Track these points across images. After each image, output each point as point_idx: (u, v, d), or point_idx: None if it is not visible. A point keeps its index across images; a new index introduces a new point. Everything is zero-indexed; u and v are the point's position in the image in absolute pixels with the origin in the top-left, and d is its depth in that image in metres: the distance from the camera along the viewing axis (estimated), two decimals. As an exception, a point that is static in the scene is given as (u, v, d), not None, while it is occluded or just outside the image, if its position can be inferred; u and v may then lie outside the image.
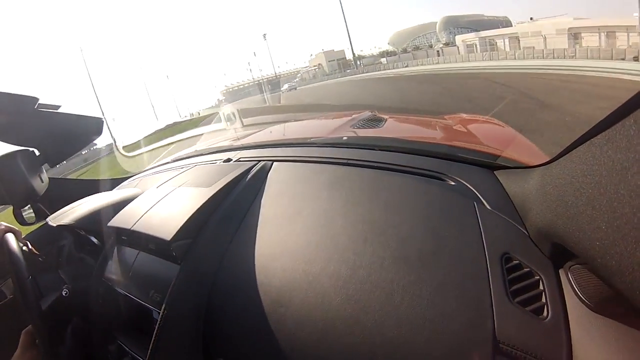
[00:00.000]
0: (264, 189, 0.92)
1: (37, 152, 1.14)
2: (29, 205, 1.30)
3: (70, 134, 1.16)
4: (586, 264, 0.50)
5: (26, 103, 0.99)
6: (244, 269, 0.73)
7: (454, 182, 0.86)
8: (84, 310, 0.95)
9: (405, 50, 63.43)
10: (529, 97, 10.43)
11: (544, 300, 0.56)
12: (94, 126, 1.19)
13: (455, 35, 52.62)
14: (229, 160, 1.22)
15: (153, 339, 0.72)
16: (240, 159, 1.20)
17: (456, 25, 60.57)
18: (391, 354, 0.55)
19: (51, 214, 1.10)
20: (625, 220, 0.37)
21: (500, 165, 0.91)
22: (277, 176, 0.96)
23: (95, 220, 1.04)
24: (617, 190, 0.39)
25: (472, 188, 0.83)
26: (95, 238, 1.08)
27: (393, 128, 1.62)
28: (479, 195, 0.81)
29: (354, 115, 1.87)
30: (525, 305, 0.55)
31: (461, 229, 0.68)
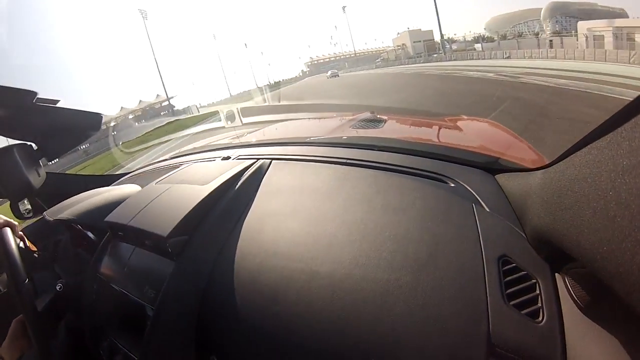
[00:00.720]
0: (261, 187, 0.92)
1: (34, 147, 1.14)
2: (26, 199, 1.30)
3: (68, 129, 1.16)
4: (582, 267, 0.50)
5: (24, 97, 0.99)
6: (240, 266, 0.73)
7: (453, 183, 0.86)
8: (78, 306, 0.95)
9: (504, 37, 54.76)
10: None
11: (539, 303, 0.56)
12: (92, 121, 1.19)
13: (562, 23, 47.12)
14: (227, 158, 1.22)
15: (146, 335, 0.72)
16: (239, 157, 1.20)
17: (564, 13, 51.74)
18: (385, 355, 0.55)
19: (48, 208, 1.10)
20: (626, 223, 0.37)
21: (499, 167, 0.91)
22: (276, 174, 0.96)
23: (92, 216, 1.03)
24: (619, 194, 0.39)
25: (471, 190, 0.83)
26: (92, 233, 1.08)
27: (393, 128, 1.62)
28: (477, 197, 0.81)
29: (354, 116, 1.87)
30: (521, 309, 0.55)
31: (459, 231, 0.67)
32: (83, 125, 1.18)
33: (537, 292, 0.57)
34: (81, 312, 0.94)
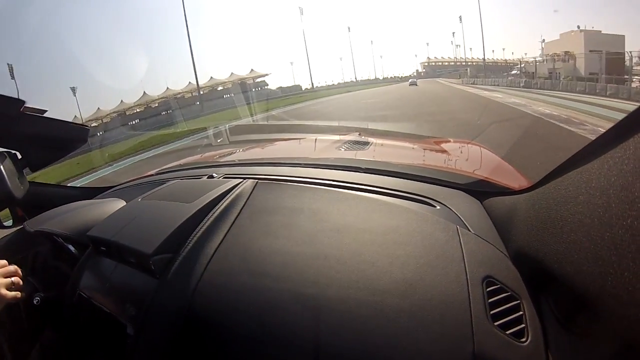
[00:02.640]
0: (247, 207, 0.91)
1: (19, 156, 1.14)
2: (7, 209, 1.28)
3: (54, 140, 1.15)
4: (565, 286, 0.51)
5: (11, 105, 0.99)
6: (225, 287, 0.72)
7: (438, 205, 0.87)
8: (55, 322, 0.92)
9: None
10: None
11: (524, 323, 0.57)
12: (78, 134, 1.19)
13: None
14: (212, 176, 1.21)
15: (126, 356, 0.70)
16: (225, 176, 1.20)
17: None
18: None
19: (29, 219, 1.09)
20: (609, 244, 0.40)
21: (484, 190, 0.94)
22: (261, 195, 0.96)
23: (74, 228, 1.02)
24: (601, 216, 0.42)
25: (455, 212, 0.85)
26: (73, 247, 1.06)
27: (379, 150, 1.65)
28: (462, 220, 0.82)
29: (340, 137, 1.90)
30: (505, 329, 0.55)
31: (444, 253, 0.68)
32: (70, 137, 1.18)
33: (522, 312, 0.58)
34: (59, 329, 0.92)
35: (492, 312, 0.57)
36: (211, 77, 61.66)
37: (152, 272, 0.78)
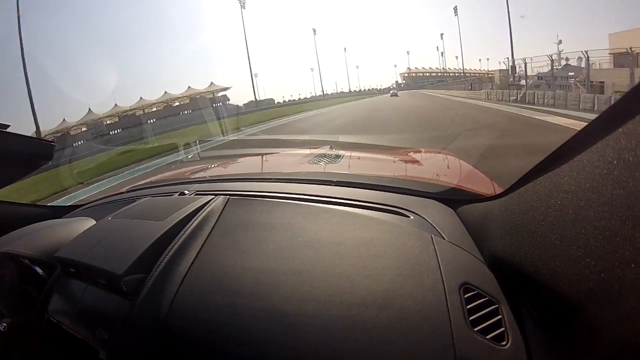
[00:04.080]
0: (219, 224, 0.90)
1: None
2: None
3: (17, 157, 1.12)
4: (544, 289, 0.52)
5: None
6: (199, 306, 0.71)
7: (412, 215, 0.89)
8: (23, 348, 0.89)
9: None
10: None
11: (503, 327, 0.58)
12: (44, 150, 1.16)
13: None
14: (183, 193, 1.20)
15: None
16: (197, 192, 1.20)
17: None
18: None
19: None
20: (582, 245, 0.42)
21: (456, 197, 0.96)
22: (233, 212, 0.95)
23: (41, 249, 0.99)
24: (573, 219, 0.44)
25: (429, 221, 0.86)
26: (40, 268, 1.02)
27: (350, 163, 1.68)
28: (436, 228, 0.84)
29: (311, 151, 1.92)
30: (485, 334, 0.56)
31: (419, 262, 0.68)
32: (34, 154, 1.15)
33: (500, 315, 0.59)
34: (27, 356, 0.88)
35: (471, 318, 0.58)
36: (165, 92, 58.37)
37: (123, 293, 0.76)
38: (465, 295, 0.62)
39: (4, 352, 0.84)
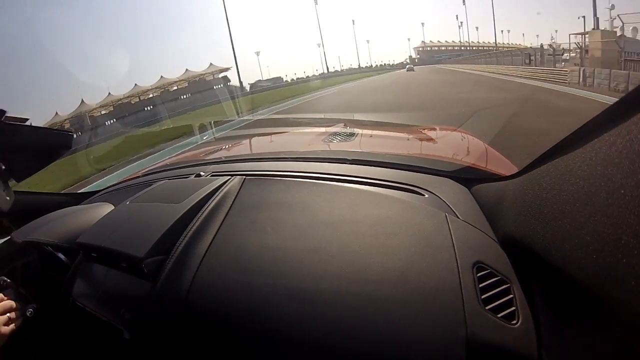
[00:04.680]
0: (236, 205, 0.91)
1: (2, 166, 1.12)
2: None
3: (38, 148, 1.14)
4: (555, 272, 0.52)
5: None
6: (219, 286, 0.72)
7: (426, 194, 0.88)
8: (50, 332, 0.92)
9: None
10: None
11: (514, 306, 0.58)
12: (63, 141, 1.18)
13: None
14: (199, 175, 1.21)
15: None
16: (212, 174, 1.20)
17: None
18: None
19: (16, 229, 1.08)
20: (597, 229, 0.41)
21: (471, 176, 0.95)
22: (249, 192, 0.96)
23: (63, 236, 1.01)
24: (590, 202, 0.43)
25: (444, 200, 0.86)
26: (63, 255, 1.05)
27: (365, 141, 1.66)
28: (450, 207, 0.83)
29: (326, 129, 1.91)
30: (496, 312, 0.57)
31: (434, 241, 0.69)
32: (54, 145, 1.17)
33: (512, 295, 0.60)
34: (54, 339, 0.91)
35: (483, 297, 0.59)
36: (161, 77, 55.01)
37: (144, 275, 0.78)
38: (478, 274, 0.62)
39: (32, 336, 0.87)
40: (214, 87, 54.53)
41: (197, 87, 54.41)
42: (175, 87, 55.29)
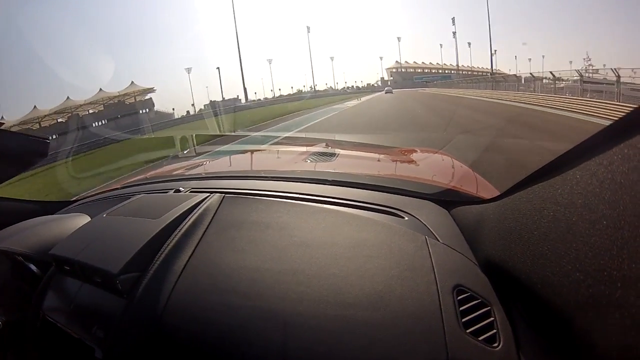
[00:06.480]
0: (215, 223, 0.90)
1: None
2: None
3: (12, 154, 1.11)
4: (534, 295, 0.52)
5: None
6: (194, 305, 0.71)
7: (406, 216, 0.89)
8: (18, 346, 0.88)
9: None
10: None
11: (495, 329, 0.58)
12: (38, 148, 1.16)
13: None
14: (179, 190, 1.20)
15: None
16: (192, 190, 1.19)
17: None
18: None
19: None
20: (574, 255, 0.42)
21: (451, 199, 0.96)
22: (229, 210, 0.95)
23: (35, 247, 0.99)
24: (569, 228, 0.44)
25: (424, 222, 0.87)
26: (35, 266, 1.01)
27: (346, 162, 1.67)
28: (430, 230, 0.84)
29: (307, 148, 1.92)
30: (477, 335, 0.57)
31: (413, 264, 0.69)
32: (29, 151, 1.15)
33: (493, 318, 0.60)
34: (22, 354, 0.88)
35: (463, 320, 0.59)
36: (68, 97, 44.87)
37: (119, 291, 0.76)
38: (459, 297, 0.62)
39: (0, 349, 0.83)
40: (141, 112, 47.32)
41: (113, 113, 44.96)
42: (92, 111, 45.87)
